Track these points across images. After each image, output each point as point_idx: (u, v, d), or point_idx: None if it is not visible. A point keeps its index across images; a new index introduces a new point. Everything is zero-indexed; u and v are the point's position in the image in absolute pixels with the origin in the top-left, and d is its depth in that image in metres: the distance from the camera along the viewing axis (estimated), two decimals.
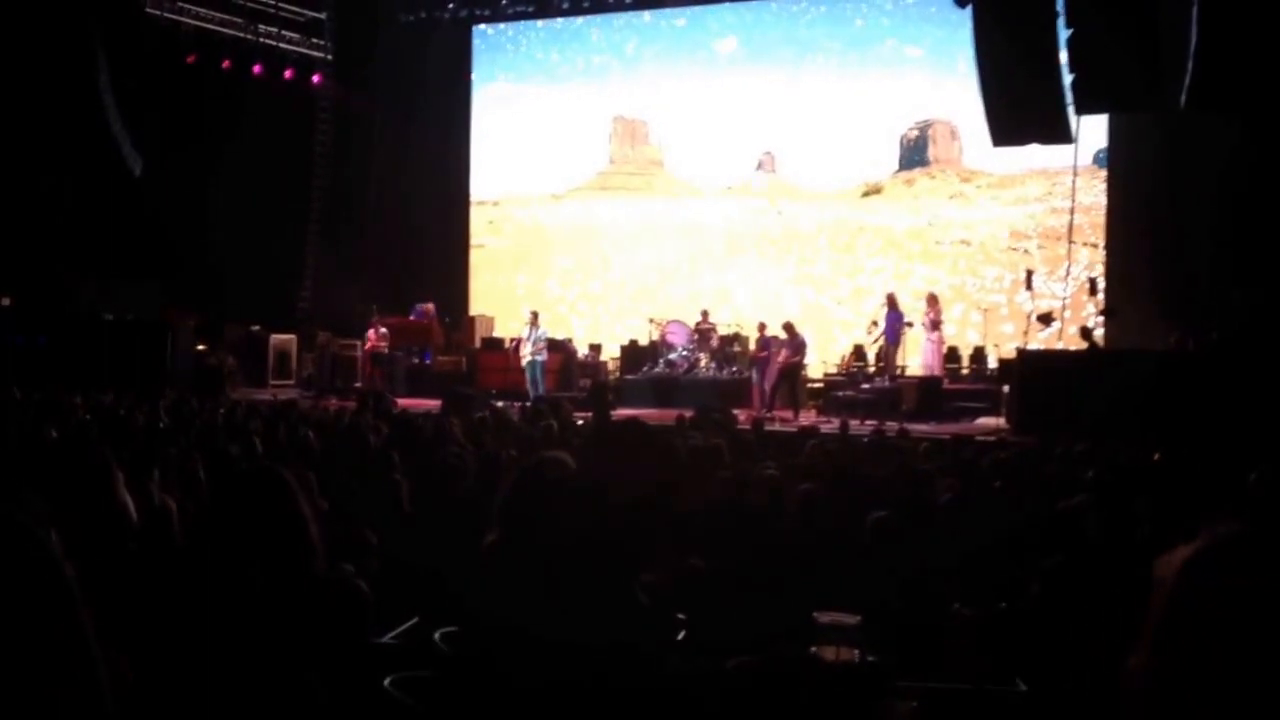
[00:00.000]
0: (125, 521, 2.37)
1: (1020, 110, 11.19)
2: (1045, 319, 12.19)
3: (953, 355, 13.47)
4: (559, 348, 14.31)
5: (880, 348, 13.03)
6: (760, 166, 16.09)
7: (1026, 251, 14.57)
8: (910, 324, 12.63)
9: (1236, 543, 0.92)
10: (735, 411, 10.02)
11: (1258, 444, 6.68)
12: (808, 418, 11.56)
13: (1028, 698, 2.39)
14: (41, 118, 13.08)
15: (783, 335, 12.33)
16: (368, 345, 14.01)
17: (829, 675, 1.76)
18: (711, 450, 4.92)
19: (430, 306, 14.83)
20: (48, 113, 13.12)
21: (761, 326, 12.73)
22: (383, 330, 13.94)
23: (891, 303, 12.67)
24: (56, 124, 13.23)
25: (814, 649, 1.81)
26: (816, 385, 13.39)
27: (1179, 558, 0.94)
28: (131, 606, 1.89)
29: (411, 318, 14.70)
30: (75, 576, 0.97)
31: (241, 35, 15.33)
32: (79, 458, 2.38)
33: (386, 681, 2.08)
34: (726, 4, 15.95)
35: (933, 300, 12.70)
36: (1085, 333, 11.68)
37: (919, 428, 9.82)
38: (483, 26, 17.19)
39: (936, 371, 12.42)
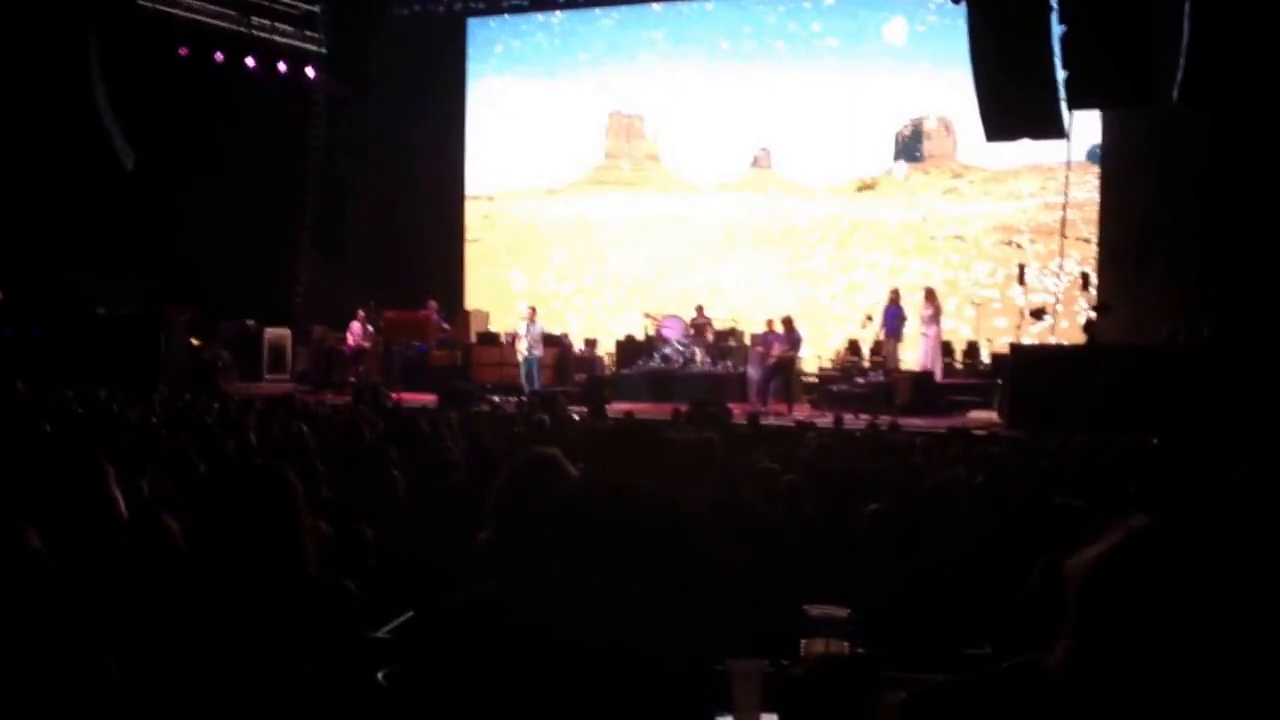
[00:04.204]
0: (115, 517, 2.37)
1: (1014, 106, 11.24)
2: (1038, 314, 12.25)
3: (946, 349, 13.52)
4: (555, 342, 14.31)
5: (875, 341, 13.09)
6: (756, 162, 16.09)
7: (1019, 246, 14.61)
8: (905, 318, 12.70)
9: (1147, 540, 0.96)
10: (730, 406, 10.05)
11: (1248, 438, 6.72)
12: (802, 412, 11.59)
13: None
14: (34, 111, 13.02)
15: (779, 329, 12.36)
16: (352, 342, 13.96)
17: (819, 667, 1.78)
18: (704, 445, 4.93)
19: (434, 304, 14.75)
20: (40, 106, 13.05)
21: (769, 323, 12.73)
22: (369, 329, 13.90)
23: (895, 298, 12.75)
24: (49, 117, 13.16)
25: (803, 641, 1.82)
26: (811, 380, 13.44)
27: (1091, 554, 0.97)
28: (121, 602, 1.89)
29: (422, 313, 14.61)
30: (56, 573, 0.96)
31: (234, 28, 15.26)
32: (70, 453, 2.37)
33: (380, 675, 2.09)
34: None
35: (930, 295, 12.74)
36: (1089, 325, 11.72)
37: (912, 421, 9.86)
38: (478, 20, 17.14)
39: (933, 366, 12.46)
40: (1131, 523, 0.97)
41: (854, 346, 13.92)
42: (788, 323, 12.26)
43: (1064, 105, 11.03)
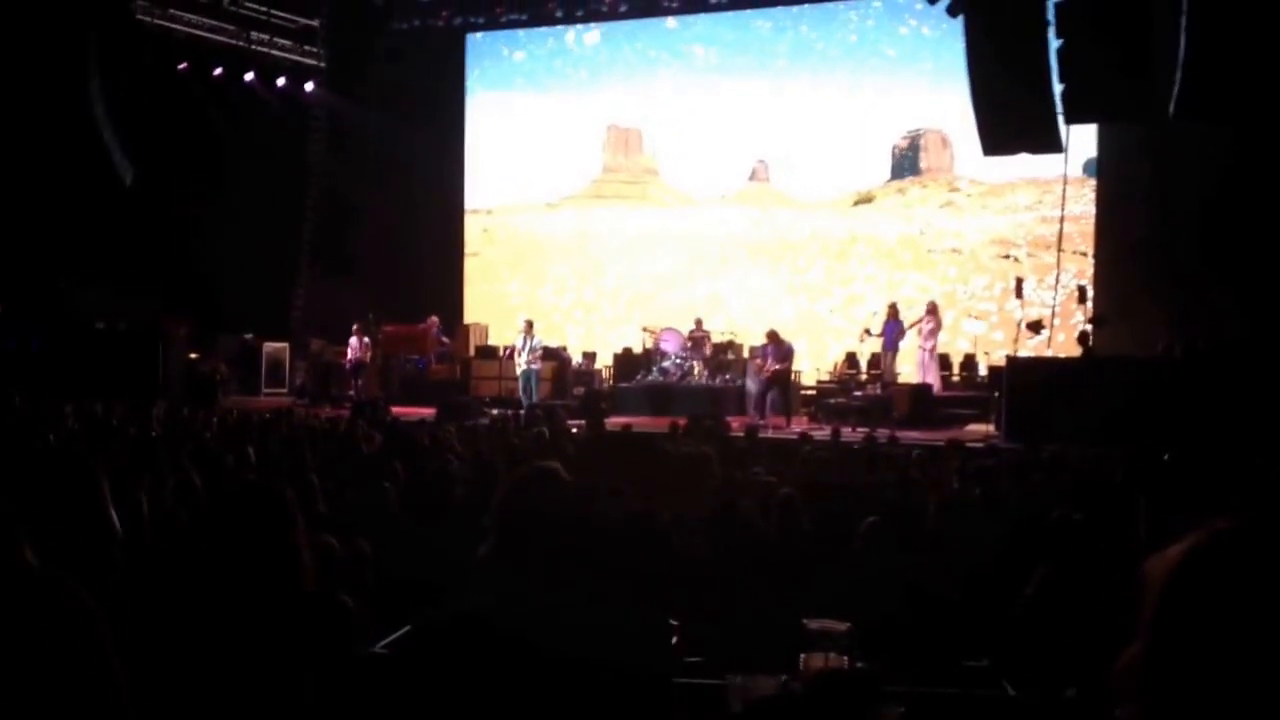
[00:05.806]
0: (111, 532, 2.37)
1: (1010, 120, 11.27)
2: (1035, 327, 12.26)
3: (944, 362, 13.53)
4: (553, 356, 14.30)
5: (873, 354, 13.09)
6: (753, 176, 16.15)
7: (1016, 260, 14.65)
8: (904, 332, 12.72)
9: (1231, 540, 0.95)
10: (728, 419, 10.04)
11: (1245, 449, 6.73)
12: (800, 424, 11.58)
13: (1017, 702, 2.40)
14: (34, 125, 13.06)
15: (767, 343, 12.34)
16: (351, 355, 13.95)
17: (819, 682, 1.78)
18: (702, 458, 4.93)
19: (434, 319, 14.74)
20: (40, 120, 13.09)
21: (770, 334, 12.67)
22: (364, 340, 13.90)
23: (893, 312, 12.77)
24: (49, 132, 13.20)
25: (803, 655, 1.82)
26: (809, 392, 13.43)
27: (1173, 554, 0.97)
28: (115, 617, 1.89)
29: (421, 326, 14.60)
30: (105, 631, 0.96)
31: (233, 43, 15.32)
32: (66, 467, 2.37)
33: (379, 687, 2.08)
34: (720, 13, 16.02)
35: (932, 309, 12.76)
36: (1083, 337, 11.74)
37: (910, 434, 9.86)
38: (477, 35, 17.22)
39: (930, 379, 12.47)
40: (1215, 523, 0.96)
41: (852, 359, 13.93)
42: (772, 336, 12.18)
43: (1061, 119, 11.06)
